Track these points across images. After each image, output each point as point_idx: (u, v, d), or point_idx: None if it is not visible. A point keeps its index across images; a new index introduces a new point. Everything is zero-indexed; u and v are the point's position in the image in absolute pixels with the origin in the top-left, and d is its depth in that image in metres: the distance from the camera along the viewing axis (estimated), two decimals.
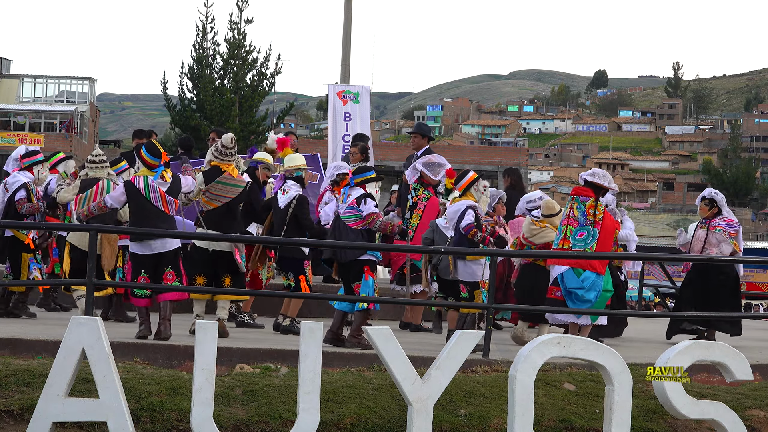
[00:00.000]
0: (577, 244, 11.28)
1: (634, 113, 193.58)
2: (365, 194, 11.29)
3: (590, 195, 11.34)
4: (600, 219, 11.27)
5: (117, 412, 7.89)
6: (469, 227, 11.27)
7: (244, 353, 10.06)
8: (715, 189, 13.80)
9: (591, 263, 11.18)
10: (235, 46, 44.05)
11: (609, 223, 11.35)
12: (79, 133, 76.86)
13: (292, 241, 12.03)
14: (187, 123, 43.12)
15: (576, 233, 11.29)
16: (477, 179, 11.65)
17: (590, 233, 11.25)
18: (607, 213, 11.45)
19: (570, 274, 11.26)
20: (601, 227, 11.24)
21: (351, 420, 8.81)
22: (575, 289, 11.19)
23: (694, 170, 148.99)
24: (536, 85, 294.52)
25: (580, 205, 11.32)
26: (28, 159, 12.96)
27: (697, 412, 8.73)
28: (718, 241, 12.98)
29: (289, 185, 12.25)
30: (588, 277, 11.20)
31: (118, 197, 11.03)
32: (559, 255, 11.38)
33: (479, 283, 11.36)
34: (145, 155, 11.02)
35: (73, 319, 8.11)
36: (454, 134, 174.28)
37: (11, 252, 12.79)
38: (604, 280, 11.28)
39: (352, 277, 11.16)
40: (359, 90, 20.42)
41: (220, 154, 11.69)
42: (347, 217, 11.25)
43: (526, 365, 8.43)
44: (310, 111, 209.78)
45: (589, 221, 11.25)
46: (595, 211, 11.26)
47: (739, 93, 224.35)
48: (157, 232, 10.83)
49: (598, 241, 11.24)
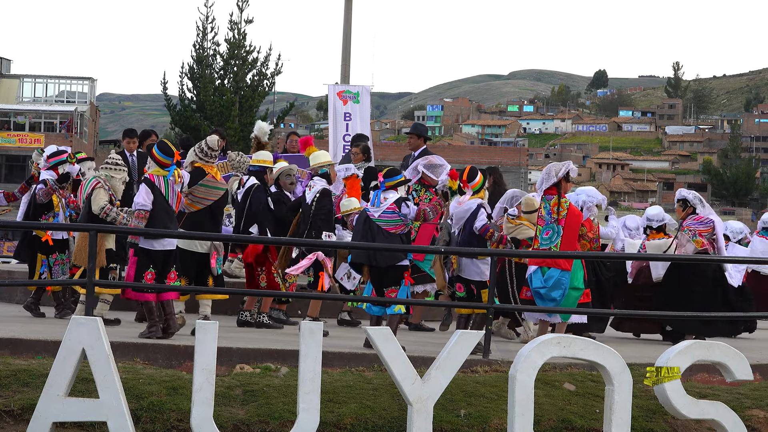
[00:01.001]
0: (544, 243, 11.44)
1: (634, 113, 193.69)
2: (402, 198, 11.20)
3: (553, 193, 11.43)
4: (564, 216, 11.36)
5: (117, 412, 7.89)
6: (485, 228, 11.29)
7: (244, 353, 10.06)
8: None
9: (556, 260, 11.26)
10: (235, 46, 44.03)
11: (573, 219, 11.41)
12: (79, 133, 76.82)
13: (293, 241, 12.04)
14: (187, 123, 43.11)
15: (543, 232, 11.44)
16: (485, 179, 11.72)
17: (555, 231, 11.39)
18: (572, 208, 11.49)
19: (537, 274, 11.38)
20: (565, 223, 11.32)
21: (351, 420, 8.80)
22: (538, 288, 11.28)
23: (694, 170, 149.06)
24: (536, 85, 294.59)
25: (546, 204, 11.47)
26: (54, 159, 13.04)
27: (697, 412, 8.72)
28: (686, 241, 12.99)
29: (315, 181, 12.36)
30: (551, 276, 11.25)
31: (147, 197, 10.90)
32: (560, 255, 11.40)
33: (487, 283, 11.31)
34: (158, 155, 11.04)
35: (73, 319, 8.11)
36: (454, 134, 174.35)
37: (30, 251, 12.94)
38: (571, 277, 11.27)
39: (387, 281, 11.03)
40: (359, 90, 20.40)
41: (204, 155, 11.74)
42: (386, 221, 11.06)
43: (526, 365, 8.43)
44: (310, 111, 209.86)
45: (553, 219, 11.36)
46: (559, 208, 11.36)
47: (739, 93, 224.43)
48: (157, 231, 10.84)
49: (562, 237, 11.33)
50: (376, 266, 11.00)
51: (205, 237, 11.63)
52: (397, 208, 11.04)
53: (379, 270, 11.03)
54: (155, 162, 11.08)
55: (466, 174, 11.54)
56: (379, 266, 10.99)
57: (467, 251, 11.25)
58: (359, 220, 11.33)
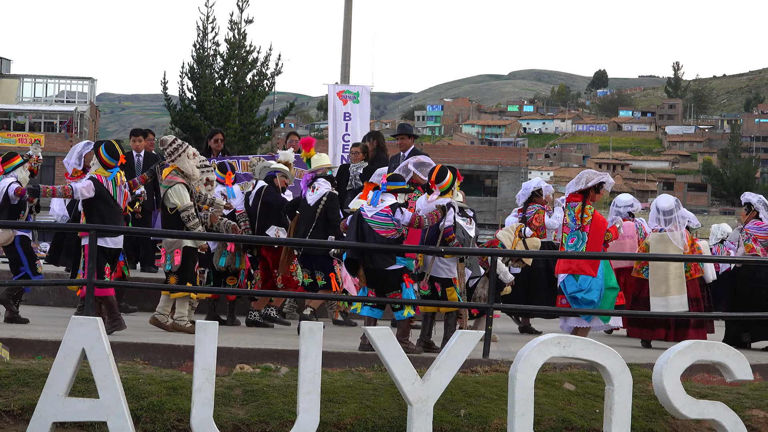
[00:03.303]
0: (569, 250, 11.51)
1: (634, 113, 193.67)
2: (400, 204, 11.06)
3: (578, 200, 11.48)
4: (588, 222, 11.43)
5: (117, 412, 7.89)
6: (449, 230, 11.14)
7: (244, 353, 10.06)
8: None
9: (581, 267, 11.32)
10: (235, 46, 44.04)
11: (598, 224, 11.46)
12: (79, 133, 76.83)
13: (292, 241, 12.04)
14: (187, 123, 43.11)
15: (568, 239, 11.51)
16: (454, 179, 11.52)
17: (579, 237, 11.47)
18: (596, 215, 11.56)
19: (570, 280, 11.48)
20: (589, 230, 11.38)
21: (351, 420, 8.80)
22: (575, 293, 11.33)
23: (694, 170, 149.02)
24: (536, 85, 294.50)
25: (570, 211, 11.55)
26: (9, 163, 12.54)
27: (697, 412, 8.72)
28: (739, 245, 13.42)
29: (319, 183, 12.39)
30: (585, 279, 11.33)
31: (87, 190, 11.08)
32: (560, 255, 11.43)
33: (452, 280, 11.24)
34: (103, 155, 11.22)
35: (73, 319, 8.11)
36: (454, 134, 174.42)
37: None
38: (604, 278, 11.36)
39: (387, 286, 10.93)
40: (359, 90, 20.38)
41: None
42: (377, 223, 10.93)
43: (526, 365, 8.43)
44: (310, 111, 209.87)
45: (577, 225, 11.41)
46: (583, 214, 11.41)
47: (739, 93, 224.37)
48: (156, 232, 10.86)
49: (587, 243, 11.39)
50: (372, 268, 10.90)
51: (205, 237, 11.63)
52: (391, 212, 10.97)
53: (374, 273, 10.92)
54: (100, 162, 11.24)
55: (435, 174, 11.43)
56: (374, 268, 10.88)
57: (467, 251, 11.21)
58: (353, 219, 11.29)
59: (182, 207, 11.47)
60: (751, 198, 13.42)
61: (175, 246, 11.46)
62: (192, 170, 11.68)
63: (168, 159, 11.67)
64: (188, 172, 11.62)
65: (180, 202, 11.48)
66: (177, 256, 11.44)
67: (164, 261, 11.72)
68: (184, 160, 11.60)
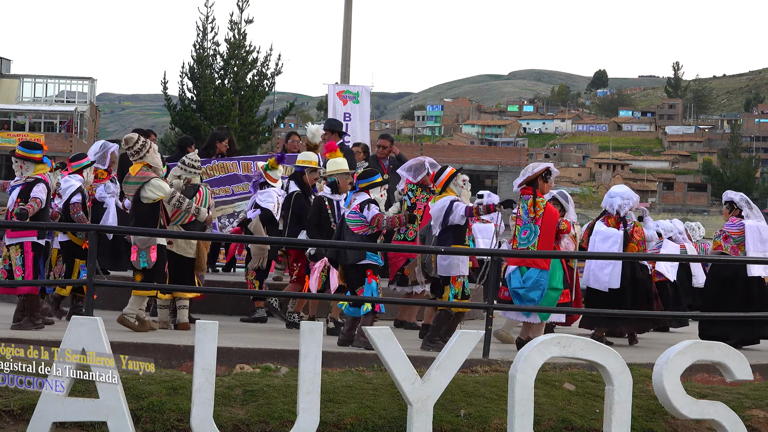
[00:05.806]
0: (522, 243, 11.44)
1: (634, 113, 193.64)
2: (369, 200, 11.27)
3: (529, 193, 11.44)
4: (540, 215, 11.36)
5: (117, 412, 7.89)
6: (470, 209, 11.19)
7: (244, 353, 10.07)
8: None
9: (534, 260, 11.25)
10: (235, 46, 44.04)
11: (550, 217, 11.40)
12: (79, 133, 76.90)
13: (292, 241, 12.05)
14: (187, 123, 43.11)
15: (521, 231, 11.46)
16: (455, 174, 11.59)
17: (532, 230, 11.40)
18: (549, 207, 11.48)
19: (515, 274, 11.35)
20: (541, 222, 11.33)
21: (351, 420, 8.80)
22: (517, 288, 11.26)
23: (694, 170, 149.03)
24: (536, 85, 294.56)
25: (524, 204, 11.48)
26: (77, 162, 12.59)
27: (697, 412, 8.72)
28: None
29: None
30: (530, 276, 11.23)
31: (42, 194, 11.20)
32: (559, 255, 11.40)
33: (450, 279, 11.27)
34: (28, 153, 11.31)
35: (73, 319, 8.12)
36: (454, 134, 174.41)
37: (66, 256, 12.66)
38: (549, 277, 11.24)
39: (356, 281, 11.14)
40: (359, 90, 20.43)
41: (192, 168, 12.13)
42: (352, 221, 11.25)
43: (526, 365, 8.42)
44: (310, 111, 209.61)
45: (530, 218, 11.38)
46: (535, 207, 11.36)
47: (739, 93, 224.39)
48: (156, 232, 10.85)
49: (539, 236, 11.32)
50: (344, 264, 11.18)
51: (205, 237, 11.64)
52: (360, 209, 11.17)
53: (347, 269, 11.19)
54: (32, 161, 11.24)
55: (434, 174, 11.62)
56: (346, 264, 11.15)
57: (466, 251, 11.22)
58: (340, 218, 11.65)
59: (167, 196, 11.44)
60: (733, 196, 13.39)
61: (150, 243, 11.35)
62: (159, 164, 11.75)
63: (137, 156, 11.55)
64: (157, 167, 11.65)
65: (162, 193, 11.43)
66: (153, 252, 11.34)
67: (136, 258, 11.38)
68: (153, 156, 11.58)
